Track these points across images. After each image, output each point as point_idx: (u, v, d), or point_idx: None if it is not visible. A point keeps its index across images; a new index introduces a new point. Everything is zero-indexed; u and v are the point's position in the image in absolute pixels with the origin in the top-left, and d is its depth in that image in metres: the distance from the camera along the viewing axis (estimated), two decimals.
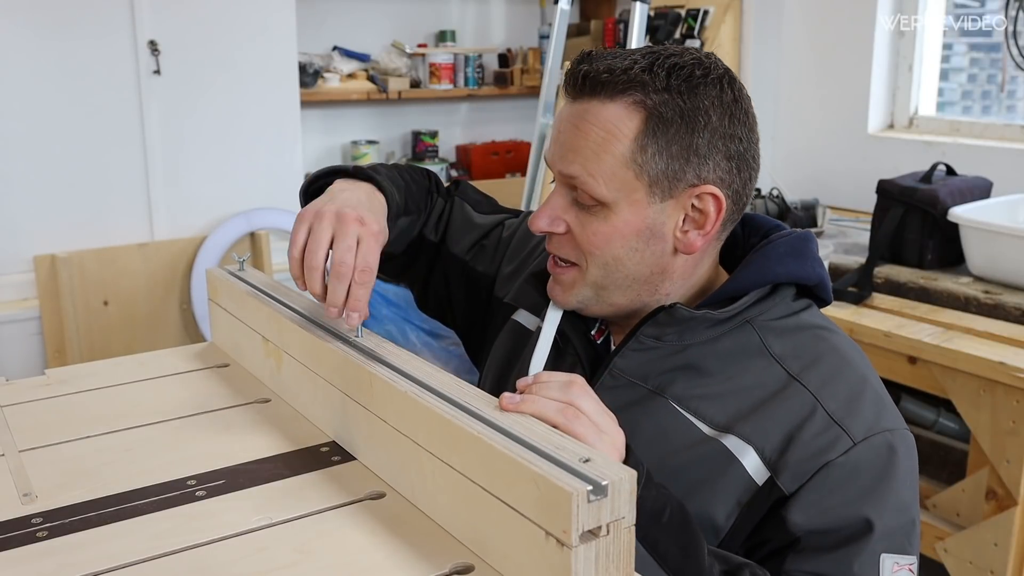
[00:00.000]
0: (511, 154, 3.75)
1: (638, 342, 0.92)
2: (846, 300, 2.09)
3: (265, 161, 2.91)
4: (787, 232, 0.98)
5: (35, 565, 0.71)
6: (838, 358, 0.91)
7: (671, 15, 3.17)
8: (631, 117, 0.87)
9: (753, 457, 0.86)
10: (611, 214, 0.89)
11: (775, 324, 0.93)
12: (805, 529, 0.84)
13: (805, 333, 0.93)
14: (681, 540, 0.78)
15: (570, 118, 0.90)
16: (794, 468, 0.85)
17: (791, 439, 0.86)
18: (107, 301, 2.72)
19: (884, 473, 0.86)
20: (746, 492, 0.86)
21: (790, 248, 0.94)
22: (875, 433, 0.86)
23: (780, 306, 0.94)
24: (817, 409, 0.87)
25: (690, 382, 0.90)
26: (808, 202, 2.65)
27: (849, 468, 0.85)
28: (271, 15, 2.83)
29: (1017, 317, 1.91)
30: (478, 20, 3.77)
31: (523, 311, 1.09)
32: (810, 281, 0.95)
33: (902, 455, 0.88)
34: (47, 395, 1.07)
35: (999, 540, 1.79)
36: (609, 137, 0.87)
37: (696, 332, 0.91)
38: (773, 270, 0.93)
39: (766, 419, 0.87)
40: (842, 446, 0.85)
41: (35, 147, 2.55)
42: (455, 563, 0.70)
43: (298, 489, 0.83)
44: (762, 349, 0.91)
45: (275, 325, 1.02)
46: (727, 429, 0.87)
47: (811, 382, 0.88)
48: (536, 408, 0.72)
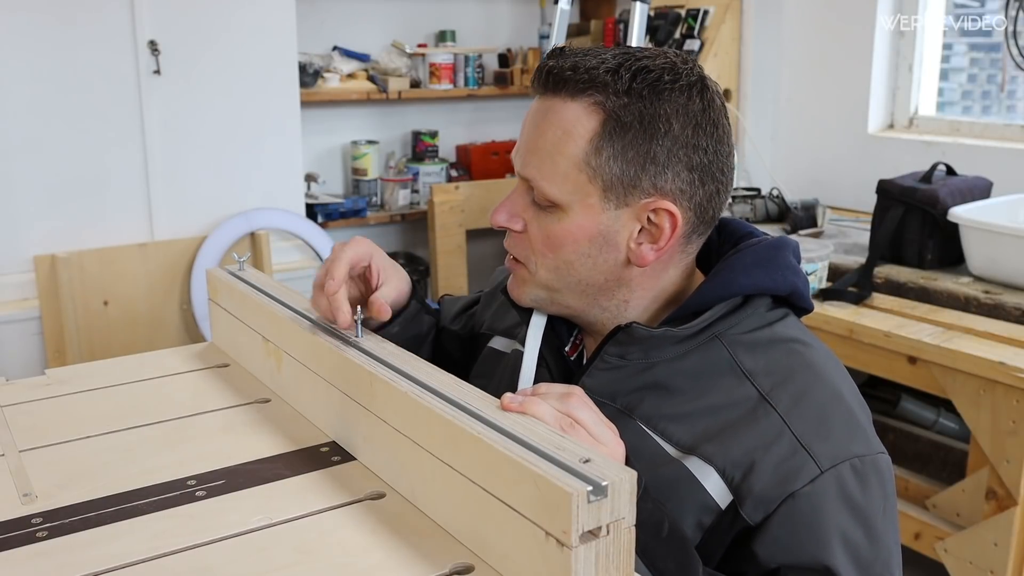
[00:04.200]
0: (511, 154, 3.75)
1: (603, 361, 0.90)
2: (846, 300, 2.09)
3: (265, 161, 2.91)
4: (757, 240, 0.94)
5: (35, 565, 0.71)
6: (811, 373, 0.88)
7: (671, 15, 3.17)
8: (589, 118, 0.85)
9: (715, 479, 0.83)
10: (565, 216, 0.87)
11: (746, 338, 0.89)
12: (778, 563, 0.82)
13: (778, 347, 0.89)
14: (679, 557, 0.77)
15: (533, 116, 0.90)
16: (758, 496, 0.82)
17: (755, 462, 0.82)
18: (107, 301, 2.72)
19: (853, 506, 0.83)
20: (708, 515, 0.84)
21: (757, 258, 0.91)
22: (842, 460, 0.83)
23: (752, 318, 0.90)
24: (784, 432, 0.83)
25: (658, 401, 0.88)
26: (808, 202, 2.65)
27: (815, 502, 0.81)
28: (271, 15, 2.83)
29: (1017, 317, 1.91)
30: (478, 20, 3.77)
31: (498, 337, 1.09)
32: (780, 291, 0.91)
33: (873, 484, 0.85)
34: (47, 395, 1.07)
35: (999, 540, 1.79)
36: (565, 137, 0.86)
37: (662, 349, 0.88)
38: (738, 281, 0.89)
39: (731, 440, 0.84)
40: (807, 474, 0.82)
41: (35, 147, 2.55)
42: (455, 563, 0.70)
43: (298, 489, 0.83)
44: (732, 366, 0.87)
45: (275, 325, 1.02)
46: (691, 450, 0.84)
47: (781, 402, 0.85)
48: (537, 412, 0.72)
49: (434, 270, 3.43)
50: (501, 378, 1.02)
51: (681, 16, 3.17)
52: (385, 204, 3.54)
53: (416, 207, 3.58)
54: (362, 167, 3.51)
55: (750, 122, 3.19)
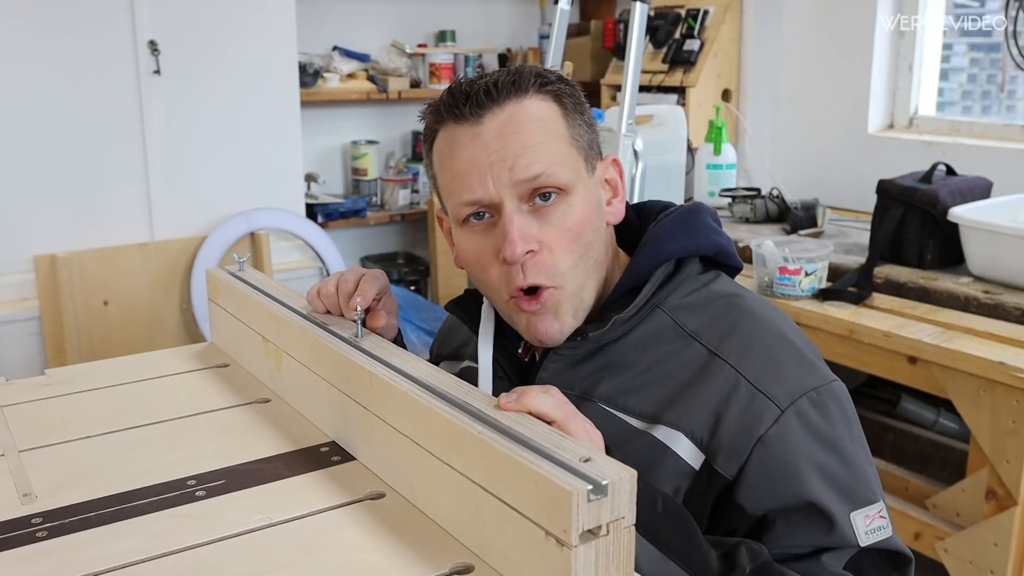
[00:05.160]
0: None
1: (555, 354, 0.93)
2: (846, 300, 2.09)
3: (265, 161, 2.91)
4: (673, 208, 0.99)
5: (35, 565, 0.71)
6: (753, 321, 0.91)
7: (671, 15, 3.17)
8: (547, 103, 0.90)
9: (685, 443, 0.86)
10: (572, 199, 0.89)
11: (685, 301, 0.93)
12: (765, 508, 0.84)
13: (717, 303, 0.93)
14: (679, 527, 0.78)
15: (492, 136, 0.87)
16: (728, 448, 0.84)
17: (719, 417, 0.85)
18: (107, 301, 2.72)
19: (820, 436, 0.85)
20: (685, 479, 0.86)
21: (678, 224, 0.95)
22: (800, 395, 0.86)
23: (687, 283, 0.94)
24: (740, 381, 0.86)
25: (614, 379, 0.90)
26: (808, 202, 2.65)
27: (783, 441, 0.84)
28: (271, 15, 2.83)
29: (1017, 317, 1.91)
30: (478, 20, 3.77)
31: (444, 362, 1.12)
32: (707, 251, 0.95)
33: (833, 411, 0.87)
34: (47, 395, 1.07)
35: (999, 540, 1.79)
36: (545, 124, 0.89)
37: (608, 331, 0.91)
38: (665, 249, 0.93)
39: (691, 401, 0.86)
40: (770, 416, 0.84)
41: (35, 147, 2.55)
42: (455, 563, 0.70)
43: (298, 489, 0.83)
44: (677, 329, 0.91)
45: (275, 325, 1.02)
46: (655, 419, 0.87)
47: (731, 354, 0.88)
48: (535, 403, 0.73)
49: (434, 270, 3.43)
50: None
51: (681, 16, 3.17)
52: (385, 204, 3.54)
53: (416, 207, 3.58)
54: (362, 167, 3.51)
55: (750, 122, 3.19)
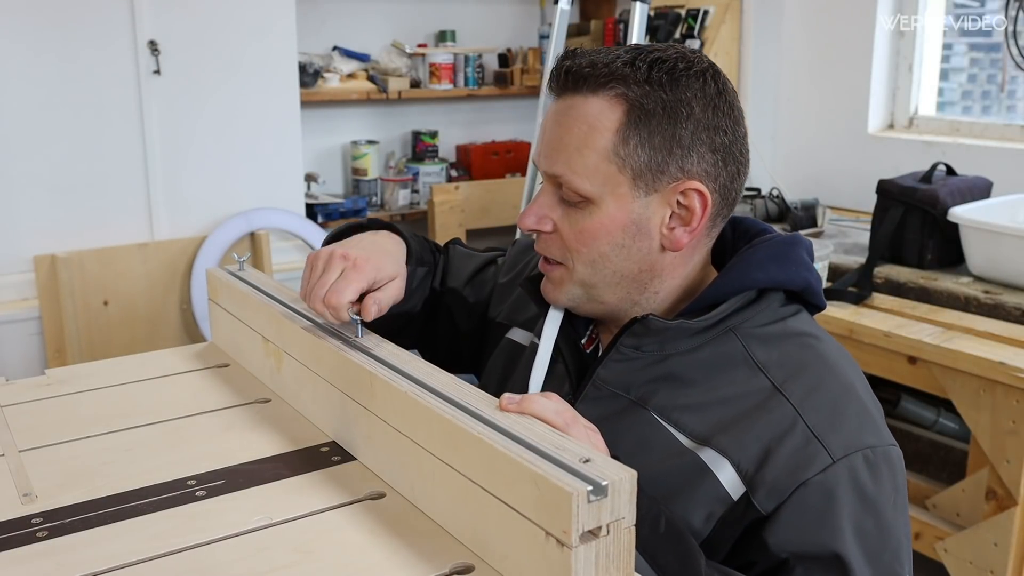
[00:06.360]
0: (511, 154, 3.75)
1: (619, 352, 0.91)
2: (846, 300, 2.09)
3: (265, 161, 2.91)
4: (772, 236, 0.96)
5: (35, 565, 0.71)
6: (823, 366, 0.89)
7: (671, 15, 3.17)
8: (613, 110, 0.87)
9: (729, 471, 0.84)
10: (596, 209, 0.89)
11: (760, 331, 0.91)
12: (789, 551, 0.82)
13: (791, 341, 0.91)
14: (679, 551, 0.77)
15: (554, 116, 0.91)
16: (771, 485, 0.83)
17: (769, 453, 0.83)
18: (107, 301, 2.72)
19: (864, 496, 0.83)
20: (720, 506, 0.84)
21: (771, 253, 0.93)
22: (855, 451, 0.84)
23: (766, 312, 0.92)
24: (798, 423, 0.84)
25: (672, 392, 0.89)
26: (808, 202, 2.65)
27: (827, 490, 0.82)
28: (271, 15, 2.83)
29: (1017, 317, 1.91)
30: (478, 20, 3.77)
31: (516, 328, 1.10)
32: (794, 286, 0.93)
33: (884, 475, 0.85)
34: (47, 395, 1.07)
35: (999, 540, 1.79)
36: (591, 131, 0.87)
37: (677, 341, 0.90)
38: (752, 276, 0.91)
39: (745, 432, 0.85)
40: (819, 464, 0.83)
41: (35, 147, 2.55)
42: (455, 563, 0.70)
43: (298, 489, 0.83)
44: (746, 358, 0.89)
45: (275, 325, 1.02)
46: (705, 441, 0.85)
47: (794, 393, 0.86)
48: (535, 408, 0.73)
49: None
50: (520, 374, 1.03)
51: (681, 16, 3.17)
52: (385, 204, 3.54)
53: (416, 207, 3.58)
54: (362, 167, 3.51)
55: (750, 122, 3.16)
